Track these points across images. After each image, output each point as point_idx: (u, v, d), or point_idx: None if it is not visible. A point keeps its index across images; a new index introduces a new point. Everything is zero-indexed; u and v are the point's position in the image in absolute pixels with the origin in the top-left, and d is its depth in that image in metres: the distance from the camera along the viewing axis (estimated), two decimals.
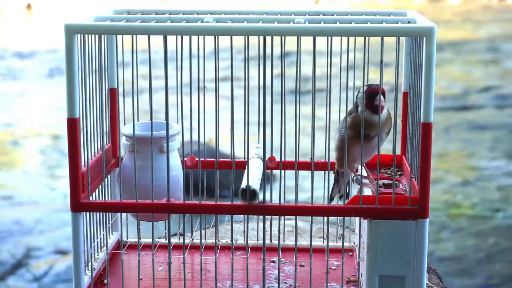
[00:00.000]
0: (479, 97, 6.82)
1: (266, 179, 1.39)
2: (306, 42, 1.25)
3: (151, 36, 1.21)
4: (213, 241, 1.56)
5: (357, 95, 1.34)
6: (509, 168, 4.96)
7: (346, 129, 1.32)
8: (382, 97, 1.29)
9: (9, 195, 4.53)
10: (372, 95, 1.30)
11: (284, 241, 1.55)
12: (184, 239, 1.39)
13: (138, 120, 1.39)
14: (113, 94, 1.47)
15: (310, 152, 1.27)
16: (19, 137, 5.67)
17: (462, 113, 6.30)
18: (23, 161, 5.17)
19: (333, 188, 1.45)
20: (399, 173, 1.44)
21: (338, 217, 1.54)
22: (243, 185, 1.26)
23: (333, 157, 1.41)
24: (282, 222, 1.52)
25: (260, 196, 1.27)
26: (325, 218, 1.52)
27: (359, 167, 1.37)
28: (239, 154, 1.49)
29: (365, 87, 1.30)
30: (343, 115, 1.37)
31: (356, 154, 1.31)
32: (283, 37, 1.29)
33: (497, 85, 7.24)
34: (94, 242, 1.39)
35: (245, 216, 1.40)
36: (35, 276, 3.49)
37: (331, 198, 1.46)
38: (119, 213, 1.46)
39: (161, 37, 1.20)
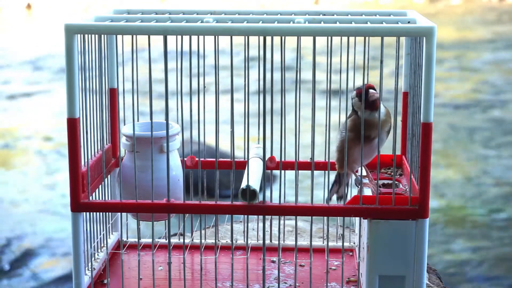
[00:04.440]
0: (478, 97, 6.83)
1: (266, 179, 1.39)
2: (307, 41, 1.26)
3: (151, 36, 1.21)
4: (213, 241, 1.56)
5: (352, 100, 1.35)
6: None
7: (346, 132, 1.32)
8: (373, 90, 1.30)
9: (8, 196, 4.53)
10: (365, 93, 1.30)
11: (284, 241, 1.55)
12: (184, 239, 1.39)
13: (138, 120, 1.39)
14: (113, 94, 1.48)
15: (310, 151, 1.27)
16: (10, 139, 5.65)
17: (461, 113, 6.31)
18: (19, 162, 5.16)
19: (331, 189, 1.44)
20: (399, 173, 1.44)
21: (338, 217, 1.54)
22: (243, 185, 1.26)
23: (333, 157, 1.40)
24: (282, 222, 1.52)
25: (260, 196, 1.27)
26: (325, 218, 1.52)
27: (359, 168, 1.37)
28: (239, 154, 1.49)
29: (354, 92, 1.32)
30: (343, 115, 1.37)
31: (357, 155, 1.31)
32: (283, 37, 1.29)
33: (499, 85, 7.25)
34: (94, 242, 1.39)
35: (245, 216, 1.40)
36: (35, 276, 3.49)
37: (329, 199, 1.45)
38: (119, 213, 1.46)
39: (161, 37, 1.21)
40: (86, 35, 1.29)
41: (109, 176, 1.48)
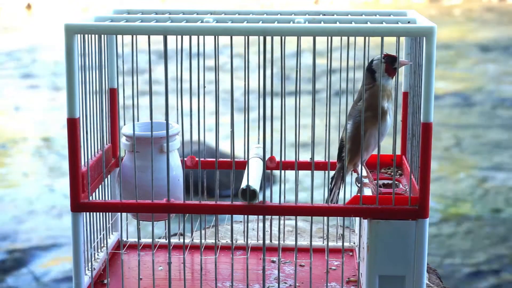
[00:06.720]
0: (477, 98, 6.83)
1: (266, 179, 1.39)
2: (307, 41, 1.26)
3: (151, 36, 1.21)
4: (213, 241, 1.56)
5: (369, 66, 1.34)
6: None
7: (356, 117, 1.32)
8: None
9: (8, 196, 4.53)
10: (391, 59, 1.32)
11: (284, 241, 1.55)
12: (184, 239, 1.39)
13: (138, 120, 1.39)
14: (113, 94, 1.48)
15: (310, 151, 1.27)
16: (7, 140, 5.63)
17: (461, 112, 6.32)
18: (18, 163, 5.16)
19: (331, 191, 1.43)
20: (399, 173, 1.44)
21: (338, 217, 1.54)
22: (243, 185, 1.26)
23: (333, 157, 1.40)
24: (282, 222, 1.52)
25: (260, 196, 1.27)
26: (325, 218, 1.52)
27: (359, 167, 1.37)
28: (239, 154, 1.49)
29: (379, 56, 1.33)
30: (343, 115, 1.37)
31: (374, 137, 1.31)
32: (283, 37, 1.29)
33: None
34: (94, 242, 1.39)
35: (245, 216, 1.40)
36: (35, 276, 3.49)
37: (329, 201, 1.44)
38: (119, 213, 1.46)
39: (161, 37, 1.21)
40: (86, 35, 1.29)
41: (109, 176, 1.48)
